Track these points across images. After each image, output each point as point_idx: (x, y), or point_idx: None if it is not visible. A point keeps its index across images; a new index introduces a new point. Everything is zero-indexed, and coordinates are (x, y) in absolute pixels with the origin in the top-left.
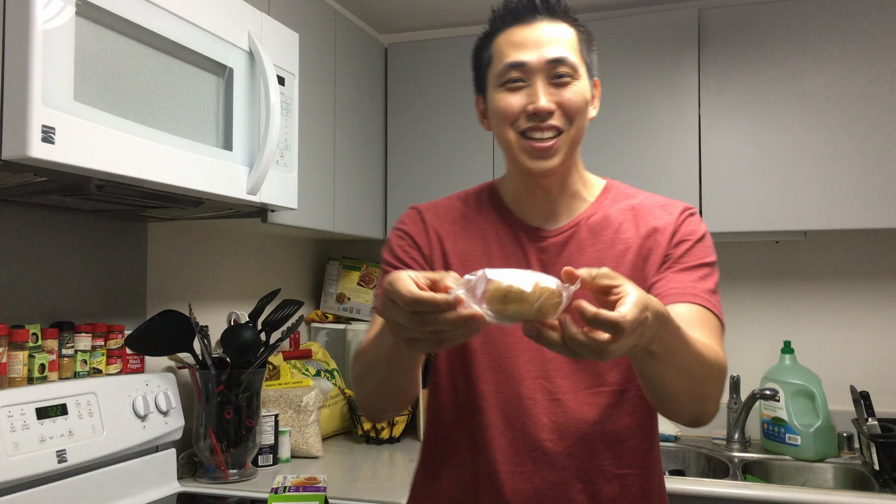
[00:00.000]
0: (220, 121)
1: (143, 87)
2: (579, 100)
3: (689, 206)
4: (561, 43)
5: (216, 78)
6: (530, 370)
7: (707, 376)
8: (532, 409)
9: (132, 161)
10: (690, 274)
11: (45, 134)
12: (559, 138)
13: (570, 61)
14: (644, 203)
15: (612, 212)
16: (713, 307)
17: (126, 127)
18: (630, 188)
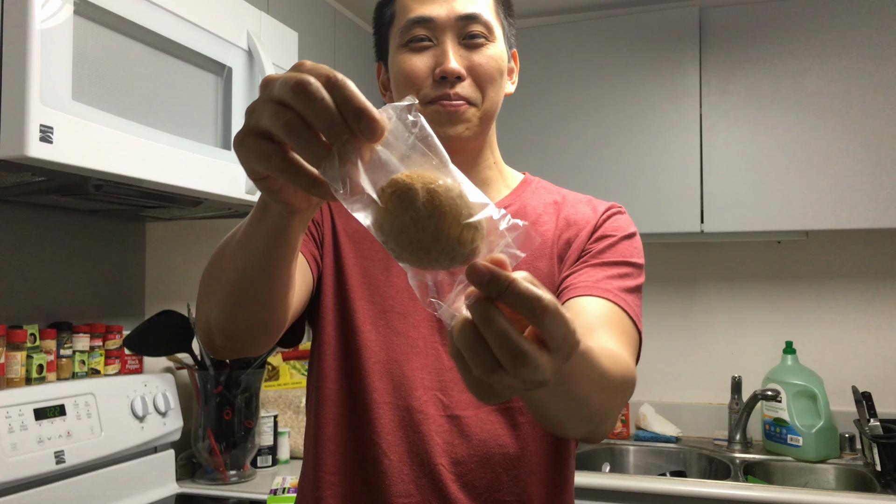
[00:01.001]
0: (219, 120)
1: (141, 87)
2: (493, 66)
3: (619, 205)
4: (475, 1)
5: (215, 77)
6: (423, 378)
7: (608, 399)
8: (423, 424)
9: (130, 160)
10: (607, 270)
11: (43, 133)
12: (470, 107)
13: (483, 19)
14: (567, 197)
15: (532, 203)
16: (628, 308)
17: (124, 126)
18: (553, 185)
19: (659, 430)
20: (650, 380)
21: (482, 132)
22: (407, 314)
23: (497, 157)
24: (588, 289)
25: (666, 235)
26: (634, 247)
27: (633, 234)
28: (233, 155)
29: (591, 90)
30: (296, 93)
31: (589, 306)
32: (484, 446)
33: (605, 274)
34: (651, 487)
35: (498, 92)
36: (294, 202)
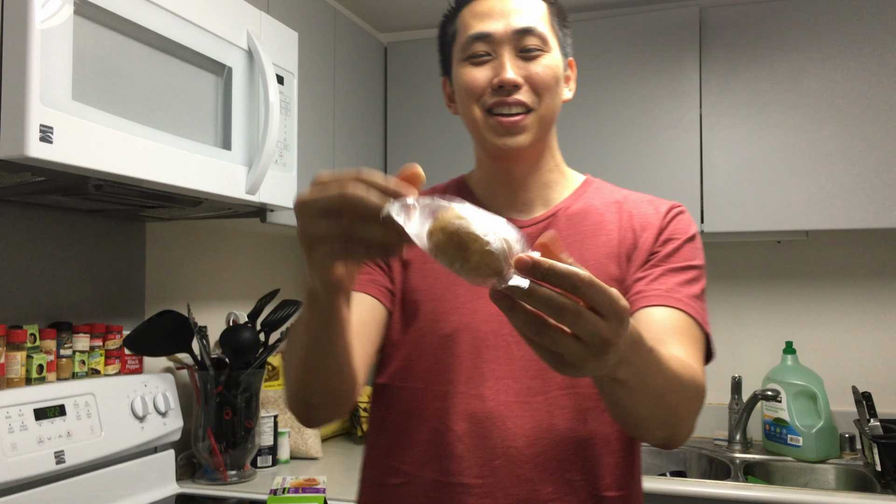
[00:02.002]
0: (219, 120)
1: (141, 87)
2: (548, 74)
3: (679, 203)
4: (529, 13)
5: (215, 77)
6: (494, 369)
7: (682, 401)
8: (496, 410)
9: (130, 160)
10: (676, 276)
11: (43, 133)
12: (527, 115)
13: (538, 32)
14: (629, 197)
15: (595, 203)
16: (697, 315)
17: (124, 126)
18: (614, 185)
19: None
20: None
21: (541, 138)
22: (476, 310)
23: (559, 161)
24: (659, 298)
25: None
26: (697, 248)
27: (695, 235)
28: (232, 155)
29: (590, 90)
30: (344, 198)
31: (659, 317)
32: (554, 429)
33: (674, 281)
34: (651, 487)
35: (554, 98)
36: (343, 282)
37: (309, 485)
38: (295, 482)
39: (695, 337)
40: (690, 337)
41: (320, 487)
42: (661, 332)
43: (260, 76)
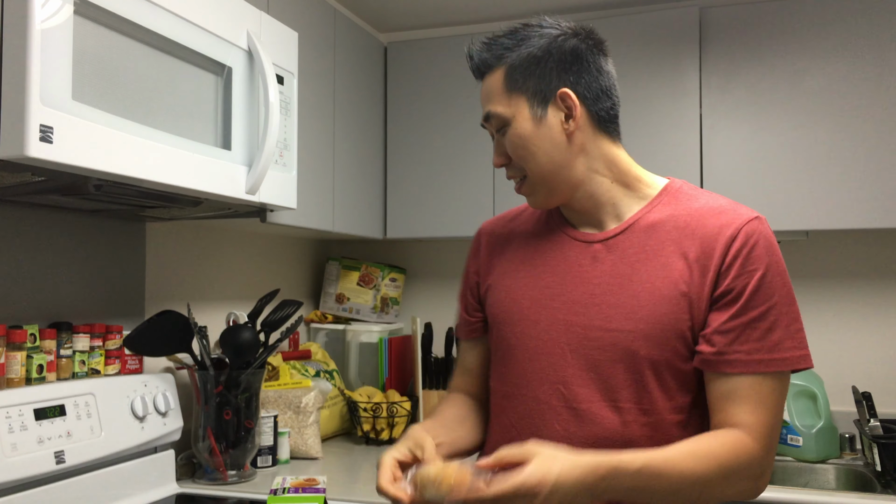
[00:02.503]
0: (219, 120)
1: (141, 87)
2: (517, 145)
3: (752, 217)
4: (488, 97)
5: (215, 77)
6: (548, 374)
7: (707, 487)
8: (547, 413)
9: (130, 160)
10: (757, 328)
11: (43, 133)
12: (524, 182)
13: (494, 113)
14: (700, 209)
15: (663, 216)
16: (772, 366)
17: (124, 126)
18: (694, 189)
19: None
20: None
21: (551, 189)
22: (538, 320)
23: (618, 174)
24: (739, 366)
25: None
26: (770, 282)
27: (768, 267)
28: (232, 155)
29: None
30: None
31: (735, 387)
32: (596, 434)
33: (755, 337)
34: None
35: (536, 157)
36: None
37: (309, 485)
38: (295, 482)
39: (762, 398)
40: (757, 402)
41: (320, 487)
42: (734, 402)
43: (260, 76)
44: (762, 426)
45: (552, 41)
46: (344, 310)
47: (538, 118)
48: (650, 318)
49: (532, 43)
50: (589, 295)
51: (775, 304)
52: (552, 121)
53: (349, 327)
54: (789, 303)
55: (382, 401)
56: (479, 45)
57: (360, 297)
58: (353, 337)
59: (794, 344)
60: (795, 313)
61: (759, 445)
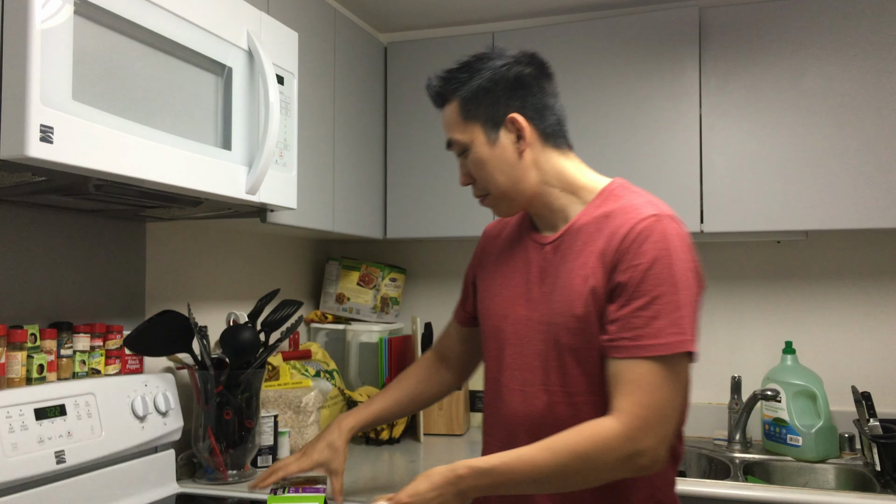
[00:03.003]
0: (219, 120)
1: (141, 87)
2: (477, 166)
3: (648, 215)
4: (448, 126)
5: (215, 77)
6: (512, 362)
7: (573, 474)
8: (507, 394)
9: (131, 161)
10: (641, 315)
11: (43, 133)
12: (486, 197)
13: (454, 140)
14: (615, 209)
15: (588, 219)
16: (644, 352)
17: (125, 126)
18: (624, 190)
19: None
20: None
21: (514, 202)
22: (507, 315)
23: (564, 184)
24: (623, 351)
25: None
26: (656, 272)
27: (654, 260)
28: (232, 155)
29: (590, 90)
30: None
31: (617, 371)
32: (532, 413)
33: (634, 325)
34: None
35: (495, 175)
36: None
37: (309, 484)
38: (296, 481)
39: (635, 381)
40: (633, 381)
41: (321, 487)
42: (615, 385)
43: (260, 76)
44: (633, 406)
45: (496, 71)
46: (344, 310)
47: (492, 142)
48: (569, 311)
49: (481, 75)
50: (538, 292)
51: (660, 294)
52: (505, 142)
53: (349, 327)
54: (674, 292)
55: None
56: (437, 80)
57: (360, 297)
58: (354, 337)
59: (674, 330)
60: (680, 302)
61: (625, 427)
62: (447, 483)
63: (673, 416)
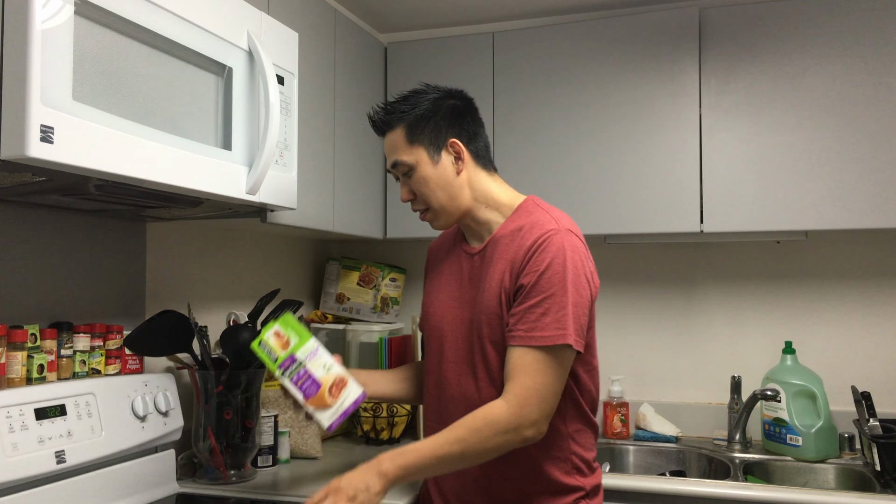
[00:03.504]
0: (220, 120)
1: (142, 87)
2: (421, 185)
3: (551, 229)
4: (393, 149)
5: (215, 77)
6: (448, 354)
7: (468, 445)
8: (444, 384)
9: (131, 161)
10: (534, 312)
11: (43, 133)
12: (427, 212)
13: (400, 161)
14: (526, 223)
15: (505, 232)
16: (533, 341)
17: (125, 126)
18: (535, 206)
19: (658, 430)
20: (650, 380)
21: (451, 215)
22: (444, 316)
23: (490, 201)
24: (517, 339)
25: (665, 236)
26: (549, 276)
27: (549, 265)
28: (232, 155)
29: (590, 90)
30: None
31: (513, 357)
32: (464, 396)
33: (527, 319)
34: (651, 487)
35: (436, 193)
36: None
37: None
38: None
39: (523, 366)
40: (520, 367)
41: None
42: (507, 369)
43: (260, 76)
44: (518, 388)
45: (435, 102)
46: (344, 310)
47: (435, 162)
48: (486, 309)
49: (422, 105)
50: (467, 295)
51: (550, 294)
52: (446, 163)
53: (349, 327)
54: (562, 293)
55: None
56: (380, 110)
57: (360, 296)
58: (354, 337)
59: (557, 326)
60: (565, 303)
61: (509, 406)
62: (369, 470)
63: (552, 399)
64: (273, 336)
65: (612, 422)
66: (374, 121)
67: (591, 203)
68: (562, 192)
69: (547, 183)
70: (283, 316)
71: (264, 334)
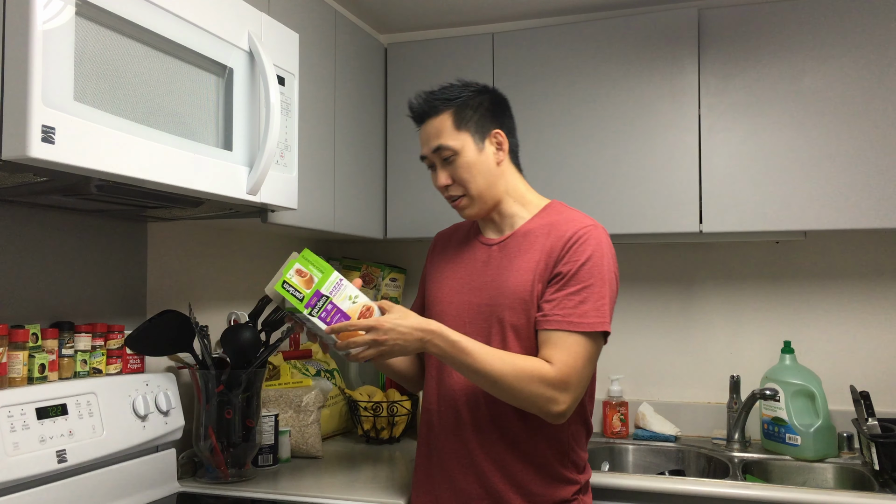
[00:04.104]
0: (221, 121)
1: (143, 88)
2: (463, 170)
3: (589, 223)
4: (438, 133)
5: (216, 78)
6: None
7: (503, 380)
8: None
9: (132, 161)
10: (572, 300)
11: (45, 134)
12: (463, 199)
13: (445, 146)
14: (559, 220)
15: (538, 225)
16: (573, 326)
17: (126, 127)
18: (564, 206)
19: (658, 430)
20: (649, 379)
21: (485, 203)
22: (452, 302)
23: (518, 196)
24: (556, 324)
25: (664, 236)
26: (589, 268)
27: (589, 257)
28: (233, 155)
29: (590, 90)
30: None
31: (552, 338)
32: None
33: (570, 305)
34: (650, 486)
35: (477, 179)
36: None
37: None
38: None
39: (564, 344)
40: (557, 346)
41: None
42: (548, 347)
43: (261, 77)
44: (561, 363)
45: (479, 93)
46: None
47: (479, 149)
48: (511, 295)
49: (466, 94)
50: (482, 282)
51: (590, 285)
52: (488, 151)
53: None
54: (601, 285)
55: (383, 400)
56: (424, 96)
57: None
58: None
59: (596, 314)
60: (604, 293)
61: (555, 371)
62: (419, 329)
63: (584, 383)
64: (295, 274)
65: (612, 421)
66: (417, 105)
67: (590, 203)
68: (561, 192)
69: (546, 183)
70: (302, 253)
71: (286, 273)
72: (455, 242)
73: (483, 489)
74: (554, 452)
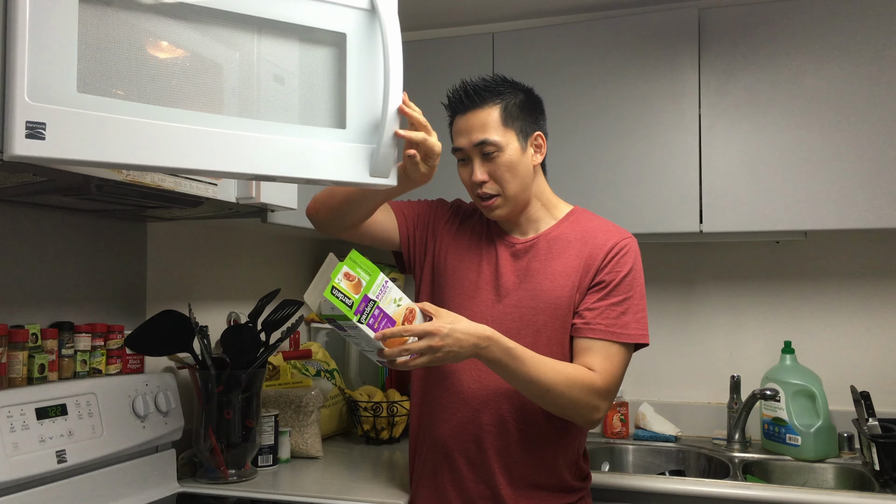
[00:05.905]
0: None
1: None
2: (504, 169)
3: (628, 235)
4: (484, 127)
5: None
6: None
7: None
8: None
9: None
10: (615, 310)
11: (30, 130)
12: (497, 198)
13: (491, 141)
14: (594, 228)
15: (568, 231)
16: (615, 337)
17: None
18: (590, 213)
19: (658, 430)
20: (649, 379)
21: (517, 205)
22: (473, 296)
23: (545, 200)
24: (599, 333)
25: (665, 236)
26: (630, 280)
27: (631, 269)
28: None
29: (590, 90)
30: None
31: (593, 346)
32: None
33: (612, 315)
34: (650, 486)
35: (515, 179)
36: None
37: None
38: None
39: (607, 353)
40: (600, 354)
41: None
42: (590, 355)
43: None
44: (605, 371)
45: (528, 93)
46: None
47: (522, 149)
48: (551, 299)
49: (516, 91)
50: (510, 283)
51: (630, 296)
52: (529, 153)
53: None
54: (640, 297)
55: (383, 400)
56: (479, 82)
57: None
58: None
59: (637, 326)
60: (643, 306)
61: (600, 379)
62: (476, 335)
63: (617, 392)
64: (343, 278)
65: (612, 421)
66: (464, 93)
67: (590, 203)
68: (561, 191)
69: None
70: (349, 255)
71: (334, 278)
72: (471, 229)
73: (490, 491)
74: (566, 462)
